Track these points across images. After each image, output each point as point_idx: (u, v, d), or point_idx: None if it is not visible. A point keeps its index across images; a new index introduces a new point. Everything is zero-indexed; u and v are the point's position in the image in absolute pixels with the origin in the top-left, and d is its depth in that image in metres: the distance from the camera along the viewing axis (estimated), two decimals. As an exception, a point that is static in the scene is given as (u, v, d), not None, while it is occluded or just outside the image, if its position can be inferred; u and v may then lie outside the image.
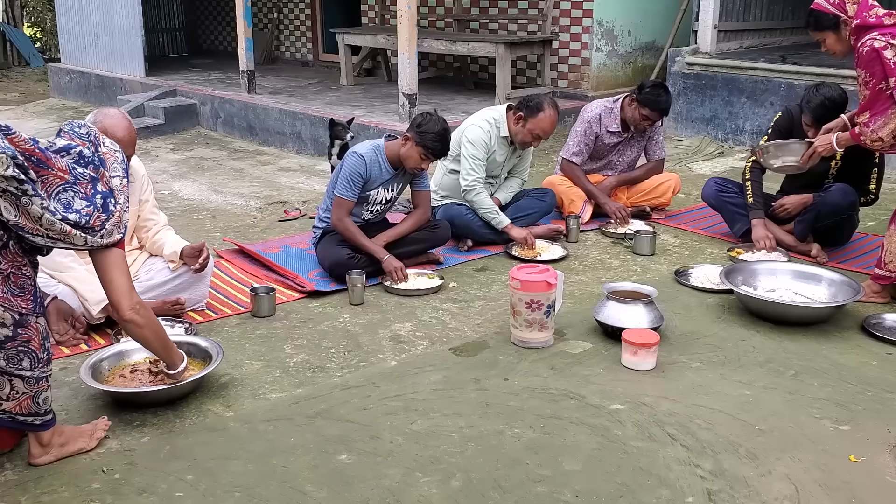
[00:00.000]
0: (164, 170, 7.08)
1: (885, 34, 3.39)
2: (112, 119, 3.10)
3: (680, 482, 2.36)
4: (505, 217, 4.53)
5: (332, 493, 2.33)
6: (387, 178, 4.12)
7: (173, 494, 2.33)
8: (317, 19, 11.49)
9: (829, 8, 3.59)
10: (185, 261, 3.59)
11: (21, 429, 2.44)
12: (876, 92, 3.43)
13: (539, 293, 3.22)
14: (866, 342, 3.34)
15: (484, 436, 2.63)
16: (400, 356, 3.25)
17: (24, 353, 2.32)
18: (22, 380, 2.34)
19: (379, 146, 4.09)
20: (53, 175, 2.25)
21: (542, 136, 4.48)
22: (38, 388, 2.39)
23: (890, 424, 2.68)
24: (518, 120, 4.46)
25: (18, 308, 2.28)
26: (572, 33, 8.34)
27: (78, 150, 2.35)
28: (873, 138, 3.49)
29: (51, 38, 16.25)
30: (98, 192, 2.35)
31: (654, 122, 4.88)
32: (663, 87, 4.89)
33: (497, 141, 4.55)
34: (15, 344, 2.30)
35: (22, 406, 2.38)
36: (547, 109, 4.40)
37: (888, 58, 3.35)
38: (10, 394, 2.35)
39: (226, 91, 8.94)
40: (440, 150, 3.99)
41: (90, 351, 3.21)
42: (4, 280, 2.26)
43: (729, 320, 3.57)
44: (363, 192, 4.07)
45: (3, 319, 2.26)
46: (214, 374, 3.00)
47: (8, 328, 2.27)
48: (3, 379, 2.32)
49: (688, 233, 4.87)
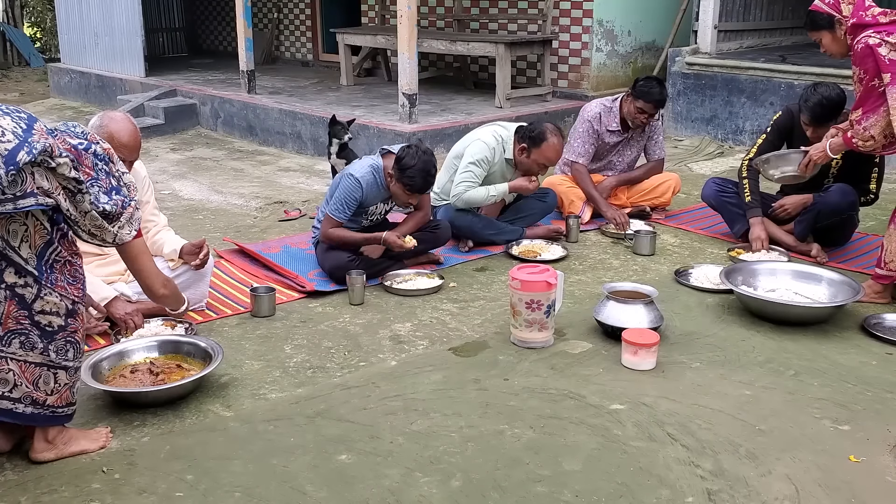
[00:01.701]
0: (164, 170, 7.08)
1: (879, 32, 3.41)
2: (118, 123, 3.12)
3: (680, 482, 2.37)
4: (502, 184, 4.46)
5: (332, 493, 2.34)
6: (385, 195, 4.09)
7: (173, 494, 2.33)
8: (317, 19, 11.49)
9: (825, 8, 3.62)
10: (184, 258, 3.59)
11: (53, 423, 2.45)
12: (869, 88, 3.44)
13: (539, 293, 3.22)
14: (866, 342, 3.34)
15: (484, 436, 2.63)
16: (400, 356, 3.25)
17: (70, 343, 2.39)
18: (66, 371, 2.40)
19: (377, 167, 3.99)
20: (84, 172, 2.33)
21: (548, 164, 4.45)
22: (76, 379, 2.47)
23: (890, 424, 2.68)
24: (522, 151, 4.39)
25: (72, 296, 2.36)
26: (572, 33, 8.34)
27: (92, 149, 2.39)
28: (865, 137, 3.50)
29: (51, 38, 16.25)
30: (114, 186, 2.43)
31: (650, 115, 4.86)
32: (657, 79, 4.89)
33: (500, 161, 4.48)
34: (65, 334, 2.37)
35: (63, 398, 2.43)
36: (550, 138, 4.32)
37: (882, 54, 3.37)
38: (54, 388, 2.39)
39: (226, 91, 8.93)
40: (421, 186, 3.89)
41: (90, 351, 3.21)
42: (62, 268, 2.34)
43: (729, 320, 3.57)
44: (361, 207, 4.05)
45: (59, 309, 2.33)
46: (214, 374, 3.00)
47: (61, 317, 2.34)
48: (49, 373, 2.36)
49: (688, 233, 4.87)
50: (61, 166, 2.24)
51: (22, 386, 2.34)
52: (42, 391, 2.37)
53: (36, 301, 2.29)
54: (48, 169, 2.23)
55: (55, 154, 2.23)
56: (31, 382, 2.34)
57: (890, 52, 3.38)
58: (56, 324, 2.33)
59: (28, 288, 2.27)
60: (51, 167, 2.23)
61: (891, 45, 3.39)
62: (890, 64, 3.37)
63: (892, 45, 3.38)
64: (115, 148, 3.07)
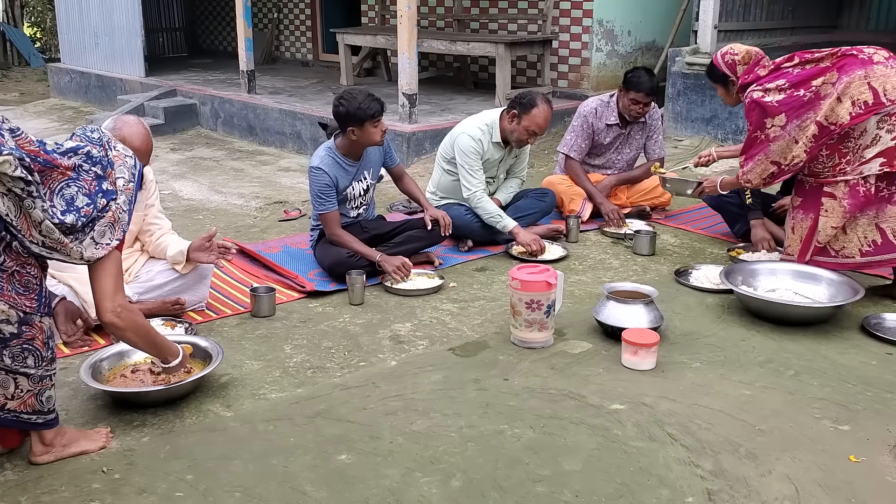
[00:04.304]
0: (164, 170, 7.08)
1: (761, 84, 3.68)
2: (131, 128, 3.11)
3: (680, 482, 2.36)
4: (510, 220, 4.49)
5: (332, 493, 2.33)
6: (353, 172, 4.12)
7: (173, 494, 2.33)
8: (317, 19, 11.49)
9: (723, 67, 3.91)
10: (194, 256, 3.53)
11: (24, 428, 2.44)
12: (751, 138, 3.71)
13: (539, 293, 3.22)
14: (866, 342, 3.34)
15: (484, 436, 2.63)
16: (400, 356, 3.25)
17: (28, 351, 2.33)
18: (27, 378, 2.35)
19: (330, 147, 4.09)
20: (58, 173, 2.27)
21: (538, 131, 4.47)
22: (42, 387, 2.41)
23: (890, 424, 2.68)
24: (512, 118, 4.46)
25: (23, 306, 2.30)
26: (572, 33, 8.34)
27: (86, 150, 2.37)
28: (744, 179, 3.77)
29: (51, 38, 16.26)
30: (102, 189, 2.37)
31: (644, 105, 4.87)
32: (645, 69, 4.95)
33: (489, 146, 4.54)
34: (20, 342, 2.31)
35: (26, 404, 2.39)
36: (540, 105, 4.40)
37: (769, 101, 3.61)
38: (14, 392, 2.35)
39: (226, 91, 8.94)
40: (380, 107, 3.94)
41: (90, 351, 3.21)
42: (9, 278, 2.27)
43: (729, 320, 3.57)
44: (339, 195, 4.08)
45: (9, 317, 2.27)
46: (214, 374, 3.00)
47: (13, 325, 2.29)
48: (7, 378, 2.33)
49: (688, 233, 4.87)
50: (1, 164, 2.11)
51: None
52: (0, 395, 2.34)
53: None
54: None
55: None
56: None
57: (775, 96, 3.59)
58: (7, 331, 2.28)
59: None
60: None
61: (772, 90, 3.61)
62: (780, 105, 3.58)
63: (773, 89, 3.61)
64: None
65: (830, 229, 3.60)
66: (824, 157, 3.56)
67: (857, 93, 3.42)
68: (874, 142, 3.44)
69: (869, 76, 3.43)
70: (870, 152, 3.45)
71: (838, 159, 3.52)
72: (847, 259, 3.62)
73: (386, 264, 3.94)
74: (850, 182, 3.50)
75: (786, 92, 3.58)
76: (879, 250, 3.55)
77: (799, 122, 3.53)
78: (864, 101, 3.41)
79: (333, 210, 4.03)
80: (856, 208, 3.52)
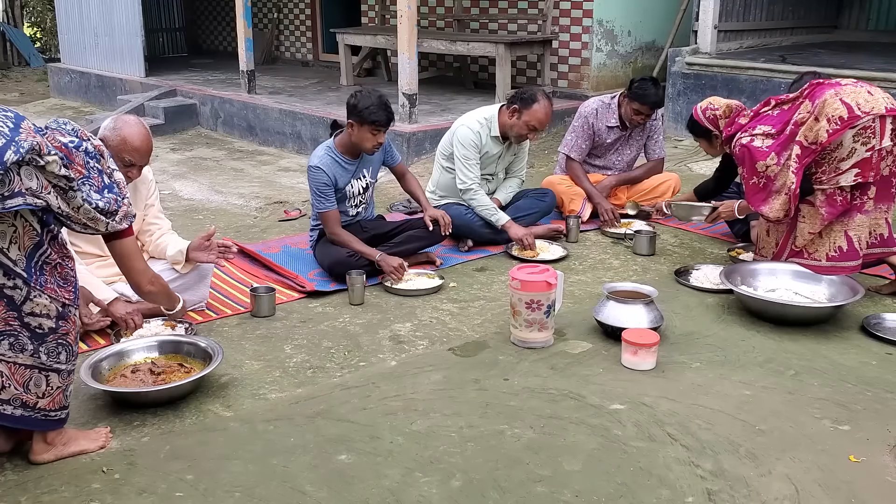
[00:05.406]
0: (164, 170, 7.08)
1: (745, 131, 3.79)
2: (131, 127, 3.12)
3: (680, 482, 2.36)
4: (503, 214, 4.52)
5: (332, 493, 2.33)
6: (352, 170, 4.12)
7: (173, 494, 2.33)
8: (317, 19, 11.49)
9: (705, 122, 4.06)
10: (193, 256, 3.53)
11: (47, 428, 2.44)
12: (750, 186, 3.77)
13: (539, 293, 3.22)
14: (866, 342, 3.34)
15: (484, 436, 2.63)
16: (400, 356, 3.25)
17: (62, 346, 2.38)
18: (58, 374, 2.39)
19: (329, 146, 4.10)
20: (75, 170, 2.31)
21: (538, 127, 4.48)
22: (69, 382, 2.45)
23: (890, 424, 2.68)
24: (513, 113, 4.46)
25: (63, 299, 2.34)
26: (572, 33, 8.34)
27: (83, 146, 2.38)
28: (773, 218, 3.71)
29: (51, 38, 16.26)
30: (106, 184, 2.42)
31: (647, 115, 4.88)
32: (652, 80, 4.91)
33: (488, 139, 4.56)
34: (56, 337, 2.35)
35: (55, 401, 2.42)
36: (541, 100, 4.41)
37: (755, 146, 3.70)
38: (46, 390, 2.38)
39: (226, 91, 8.94)
40: (386, 118, 3.92)
41: (90, 351, 3.21)
42: (52, 271, 2.32)
43: (729, 320, 3.57)
44: (338, 194, 4.08)
45: (49, 311, 2.31)
46: (214, 374, 3.00)
47: (52, 319, 2.33)
48: (41, 376, 2.35)
49: (688, 233, 4.87)
50: (50, 164, 2.21)
51: (11, 388, 2.32)
52: (33, 394, 2.36)
53: (25, 303, 2.27)
54: (37, 167, 2.20)
55: (43, 152, 2.19)
56: (21, 385, 2.33)
57: (764, 141, 3.71)
58: (46, 326, 2.32)
59: (17, 290, 2.25)
60: (39, 165, 2.20)
61: (760, 136, 3.72)
62: (769, 149, 3.65)
63: (760, 134, 3.72)
64: (126, 152, 3.11)
65: (808, 234, 3.66)
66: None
67: (830, 110, 3.46)
68: (850, 154, 3.48)
69: (839, 93, 3.50)
70: (845, 164, 3.49)
71: (814, 168, 3.57)
72: (814, 261, 3.68)
73: (384, 263, 3.95)
74: (826, 192, 3.55)
75: (773, 138, 3.67)
76: (843, 257, 3.61)
77: (787, 152, 3.59)
78: (839, 117, 3.44)
79: (333, 209, 4.04)
80: (833, 216, 3.57)
